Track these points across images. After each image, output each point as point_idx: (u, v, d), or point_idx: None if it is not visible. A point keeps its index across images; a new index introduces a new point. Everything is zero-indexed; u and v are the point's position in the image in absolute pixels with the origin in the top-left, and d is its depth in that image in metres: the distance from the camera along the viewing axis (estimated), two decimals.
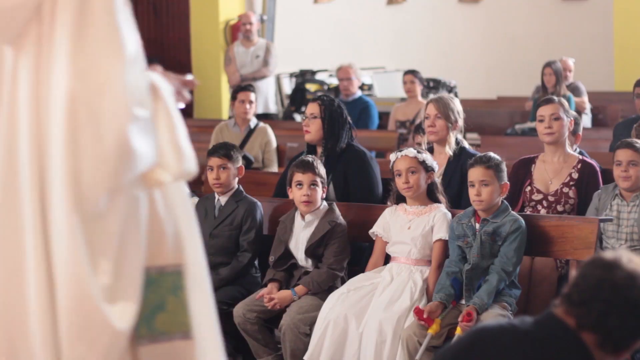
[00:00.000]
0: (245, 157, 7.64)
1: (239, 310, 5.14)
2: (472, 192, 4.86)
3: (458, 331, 4.61)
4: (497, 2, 13.70)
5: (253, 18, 11.19)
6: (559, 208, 5.56)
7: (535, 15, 13.46)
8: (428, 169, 5.05)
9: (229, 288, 5.40)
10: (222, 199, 5.54)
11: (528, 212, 5.57)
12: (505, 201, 4.93)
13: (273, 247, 5.31)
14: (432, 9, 13.88)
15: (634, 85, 7.52)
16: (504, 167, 4.95)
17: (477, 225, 4.83)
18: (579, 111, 9.35)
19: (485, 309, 4.66)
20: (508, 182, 4.97)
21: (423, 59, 12.75)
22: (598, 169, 5.66)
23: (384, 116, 9.94)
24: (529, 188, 5.65)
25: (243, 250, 5.45)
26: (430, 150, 5.73)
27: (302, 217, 5.23)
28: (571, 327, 2.42)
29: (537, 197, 5.61)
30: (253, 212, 5.47)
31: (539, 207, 5.60)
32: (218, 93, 11.92)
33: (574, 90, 9.76)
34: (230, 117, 9.17)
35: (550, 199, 5.59)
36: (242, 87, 8.31)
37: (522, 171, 5.72)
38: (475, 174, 4.88)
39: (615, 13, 11.54)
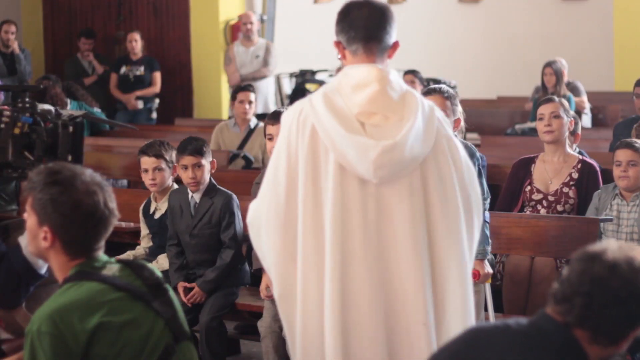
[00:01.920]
0: (245, 157, 7.65)
1: (266, 320, 5.08)
2: None
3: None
4: (497, 2, 13.68)
5: (253, 18, 11.19)
6: (559, 208, 5.56)
7: (535, 15, 13.43)
8: None
9: (217, 299, 5.37)
10: (196, 196, 5.39)
11: (528, 212, 5.57)
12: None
13: None
14: (432, 9, 13.86)
15: (634, 85, 7.52)
16: (458, 102, 4.80)
17: None
18: (579, 111, 9.36)
19: (485, 254, 4.54)
20: (460, 118, 4.81)
21: (423, 59, 12.73)
22: (598, 169, 5.66)
23: None
24: (529, 188, 5.65)
25: (225, 247, 5.35)
26: None
27: None
28: (562, 324, 2.41)
29: (537, 197, 5.62)
30: (230, 206, 5.35)
31: (539, 207, 5.60)
32: (218, 93, 11.91)
33: (573, 90, 9.75)
34: (230, 117, 9.17)
35: (550, 198, 5.59)
36: (241, 88, 8.30)
37: (522, 171, 5.72)
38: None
39: (615, 13, 11.51)
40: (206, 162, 5.38)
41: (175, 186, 5.65)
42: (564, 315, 2.41)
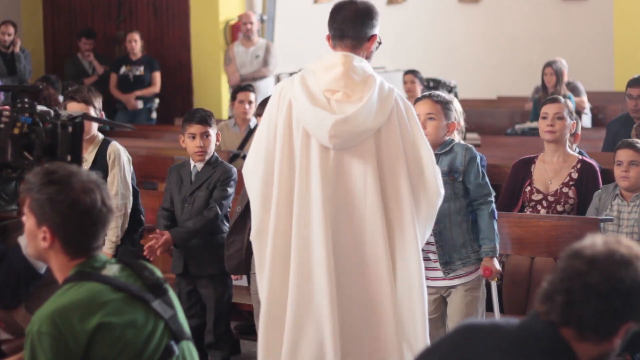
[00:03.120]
0: (245, 157, 7.65)
1: None
2: None
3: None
4: (497, 2, 13.68)
5: (253, 18, 11.19)
6: (559, 208, 5.56)
7: (535, 15, 13.43)
8: None
9: (217, 301, 5.38)
10: (199, 165, 5.42)
11: (528, 212, 5.57)
12: (448, 138, 4.76)
13: None
14: (432, 9, 13.87)
15: (627, 85, 7.53)
16: (452, 107, 4.79)
17: None
18: (579, 111, 9.35)
19: (495, 252, 4.56)
20: (456, 123, 4.80)
21: (423, 59, 12.73)
22: (598, 168, 5.66)
23: None
24: (528, 188, 5.65)
25: (211, 207, 5.35)
26: None
27: None
28: (550, 324, 2.39)
29: (537, 197, 5.61)
30: (229, 174, 5.39)
31: (539, 207, 5.60)
32: (218, 93, 11.91)
33: (573, 90, 9.76)
34: (230, 117, 9.17)
35: (550, 199, 5.59)
36: (241, 88, 8.31)
37: (522, 171, 5.72)
38: (421, 107, 4.72)
39: (615, 13, 11.51)
40: (213, 132, 5.43)
41: (101, 136, 5.57)
42: (548, 314, 2.38)
